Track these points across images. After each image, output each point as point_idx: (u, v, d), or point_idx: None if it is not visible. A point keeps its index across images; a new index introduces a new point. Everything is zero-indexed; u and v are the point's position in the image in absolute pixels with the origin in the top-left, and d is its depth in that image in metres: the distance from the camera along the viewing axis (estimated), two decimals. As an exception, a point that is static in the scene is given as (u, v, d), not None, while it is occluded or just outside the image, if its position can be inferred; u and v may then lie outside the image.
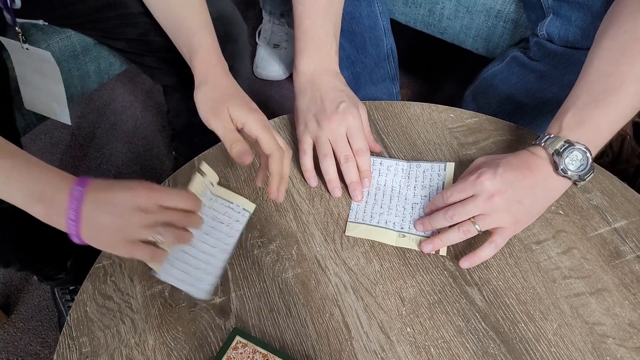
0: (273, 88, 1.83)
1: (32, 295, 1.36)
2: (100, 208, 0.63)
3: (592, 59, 0.75)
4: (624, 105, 0.72)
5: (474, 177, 0.72)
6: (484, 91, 1.15)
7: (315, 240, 0.77)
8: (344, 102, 0.82)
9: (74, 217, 0.62)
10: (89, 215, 0.63)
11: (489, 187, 0.71)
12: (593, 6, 0.91)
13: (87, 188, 0.63)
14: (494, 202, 0.71)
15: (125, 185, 0.65)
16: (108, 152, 1.66)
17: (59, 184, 0.64)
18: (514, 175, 0.72)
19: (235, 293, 0.73)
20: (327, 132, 0.81)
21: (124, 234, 0.64)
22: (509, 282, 0.72)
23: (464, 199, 0.73)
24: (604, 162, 1.22)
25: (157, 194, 0.65)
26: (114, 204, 0.63)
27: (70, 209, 0.62)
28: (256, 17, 1.90)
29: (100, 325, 0.70)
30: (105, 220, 0.63)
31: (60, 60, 1.02)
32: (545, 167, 0.73)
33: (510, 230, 0.72)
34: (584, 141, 0.71)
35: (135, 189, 0.64)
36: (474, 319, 0.69)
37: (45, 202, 0.63)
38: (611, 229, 0.77)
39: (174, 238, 0.65)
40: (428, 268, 0.74)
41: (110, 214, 0.63)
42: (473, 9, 1.17)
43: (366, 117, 0.85)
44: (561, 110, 0.75)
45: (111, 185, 0.65)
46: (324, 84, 0.85)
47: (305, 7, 0.86)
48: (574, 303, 0.70)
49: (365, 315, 0.70)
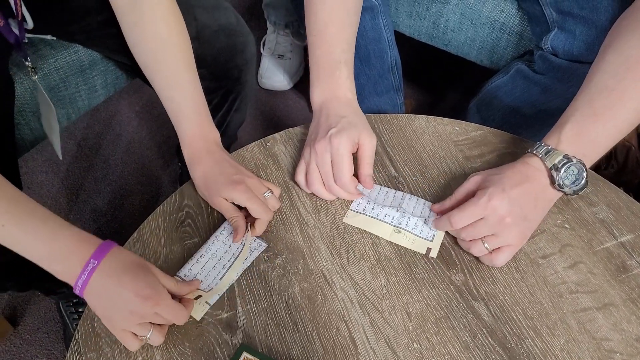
0: (277, 98, 1.83)
1: (38, 307, 1.36)
2: (103, 292, 0.67)
3: (595, 71, 0.75)
4: (622, 120, 0.72)
5: (484, 200, 0.71)
6: (488, 103, 1.15)
7: (322, 254, 0.77)
8: (334, 128, 0.80)
9: (82, 285, 0.67)
10: (93, 291, 0.67)
11: (500, 210, 0.71)
12: (598, 20, 0.91)
13: (101, 263, 0.67)
14: (505, 223, 0.71)
15: (136, 280, 0.68)
16: (114, 162, 1.67)
17: (80, 250, 0.68)
18: (519, 193, 0.72)
19: (242, 308, 0.73)
20: (314, 158, 0.81)
21: (116, 322, 0.68)
22: (516, 296, 0.72)
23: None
24: (609, 173, 1.22)
25: (160, 309, 0.68)
26: (115, 295, 0.67)
27: (79, 279, 0.66)
28: (260, 28, 1.91)
29: (107, 340, 0.71)
30: (104, 303, 0.68)
31: (68, 74, 1.03)
32: (542, 179, 0.73)
33: (517, 246, 0.73)
34: (581, 155, 0.72)
35: (141, 296, 0.67)
36: (480, 335, 0.69)
37: (63, 264, 0.67)
38: (617, 242, 0.77)
39: (158, 343, 0.70)
40: (434, 283, 0.74)
41: (109, 302, 0.68)
42: (477, 22, 1.17)
43: (369, 146, 0.81)
44: (560, 121, 0.75)
45: (124, 271, 0.68)
46: (331, 110, 0.84)
47: (315, 37, 0.87)
48: (581, 318, 0.70)
49: (372, 330, 0.70)
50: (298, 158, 0.88)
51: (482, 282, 0.74)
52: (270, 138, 0.92)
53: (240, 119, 1.25)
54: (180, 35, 0.85)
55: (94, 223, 1.53)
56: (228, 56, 1.04)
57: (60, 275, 0.67)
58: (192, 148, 0.84)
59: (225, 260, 0.77)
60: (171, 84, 0.85)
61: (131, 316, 0.67)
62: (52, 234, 0.67)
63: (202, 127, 0.85)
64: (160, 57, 0.85)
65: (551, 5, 1.00)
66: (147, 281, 0.68)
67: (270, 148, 0.90)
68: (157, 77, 0.86)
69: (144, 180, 1.62)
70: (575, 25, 0.95)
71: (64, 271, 0.67)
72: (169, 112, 0.86)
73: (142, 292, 0.67)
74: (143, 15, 0.83)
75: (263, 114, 1.79)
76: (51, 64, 1.00)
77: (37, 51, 1.00)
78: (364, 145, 0.80)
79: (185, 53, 0.86)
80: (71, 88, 1.05)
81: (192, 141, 0.84)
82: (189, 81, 0.85)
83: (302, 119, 1.78)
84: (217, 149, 0.84)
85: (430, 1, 1.21)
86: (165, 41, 0.84)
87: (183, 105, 0.85)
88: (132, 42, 0.86)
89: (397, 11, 1.27)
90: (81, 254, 0.67)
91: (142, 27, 0.84)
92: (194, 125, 0.85)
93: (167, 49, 0.85)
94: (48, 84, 1.00)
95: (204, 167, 0.82)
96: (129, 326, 0.68)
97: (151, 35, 0.84)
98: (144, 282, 0.68)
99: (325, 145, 0.80)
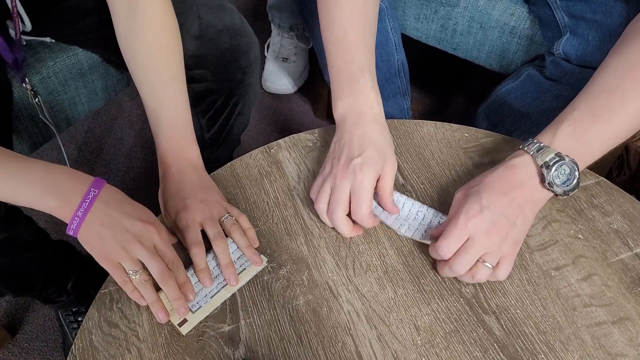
0: (282, 102, 1.82)
1: (37, 315, 1.34)
2: (104, 219, 0.67)
3: (598, 72, 0.73)
4: (621, 124, 0.71)
5: (462, 220, 0.68)
6: (497, 109, 1.13)
7: (327, 265, 0.75)
8: (358, 158, 0.75)
9: (81, 215, 0.66)
10: (92, 219, 0.66)
11: (482, 226, 0.68)
12: (612, 25, 0.89)
13: (101, 192, 0.67)
14: (492, 238, 0.68)
15: (138, 209, 0.70)
16: (115, 167, 1.65)
17: (75, 180, 0.68)
18: (500, 202, 0.69)
19: (245, 321, 0.70)
20: (332, 182, 0.76)
21: (111, 252, 0.67)
22: (528, 310, 0.70)
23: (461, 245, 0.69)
24: (621, 180, 1.19)
25: (158, 239, 0.69)
26: (117, 220, 0.67)
27: (80, 207, 0.66)
28: (265, 31, 1.89)
29: (105, 354, 0.68)
30: (102, 231, 0.67)
31: (68, 77, 1.01)
32: (531, 181, 0.70)
33: (513, 254, 0.70)
34: (575, 155, 0.69)
35: (145, 221, 0.68)
36: (491, 349, 0.67)
37: (60, 196, 0.66)
38: (633, 254, 0.74)
39: (143, 289, 0.69)
40: (443, 295, 0.71)
41: (108, 228, 0.67)
42: (487, 25, 1.15)
43: (391, 174, 0.77)
44: (557, 119, 0.73)
45: (124, 201, 0.70)
46: (355, 132, 0.78)
47: (334, 46, 0.82)
48: (595, 333, 0.68)
49: (379, 344, 0.68)
50: (302, 165, 0.85)
51: (493, 294, 0.71)
52: (275, 144, 0.89)
53: (244, 124, 1.23)
54: (170, 49, 0.84)
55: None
56: (231, 57, 1.02)
57: (55, 211, 0.66)
58: (162, 163, 0.83)
59: (220, 279, 0.74)
60: (153, 96, 0.84)
61: (131, 241, 0.67)
62: (45, 170, 0.67)
63: (175, 144, 0.83)
64: (146, 68, 0.83)
65: (562, 9, 0.98)
66: (147, 210, 0.70)
67: (275, 154, 0.88)
68: (142, 88, 0.84)
69: (146, 185, 1.60)
70: (588, 30, 0.92)
71: (60, 205, 0.66)
72: (150, 123, 0.85)
73: (146, 218, 0.69)
74: (135, 23, 0.81)
75: (267, 118, 1.77)
76: (50, 67, 0.98)
77: (35, 54, 0.98)
78: (385, 175, 0.76)
79: (171, 67, 0.84)
80: (71, 92, 1.03)
81: (164, 156, 0.83)
82: (171, 95, 0.84)
83: (306, 123, 1.76)
84: (187, 166, 0.82)
85: (438, 4, 1.19)
86: (153, 52, 0.82)
87: (162, 118, 0.83)
88: (123, 48, 0.85)
89: (404, 14, 1.25)
90: (78, 185, 0.67)
91: (134, 34, 0.82)
92: (168, 141, 0.83)
93: (154, 60, 0.83)
94: (47, 87, 0.99)
95: (168, 185, 0.81)
96: (124, 256, 0.67)
97: (140, 45, 0.82)
98: (147, 212, 0.70)
99: (348, 176, 0.75)
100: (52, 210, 0.66)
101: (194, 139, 0.85)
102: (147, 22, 0.81)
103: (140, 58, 0.83)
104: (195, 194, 0.78)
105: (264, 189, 0.84)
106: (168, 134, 0.83)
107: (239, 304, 0.72)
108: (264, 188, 0.84)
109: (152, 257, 0.68)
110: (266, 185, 0.84)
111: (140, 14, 0.80)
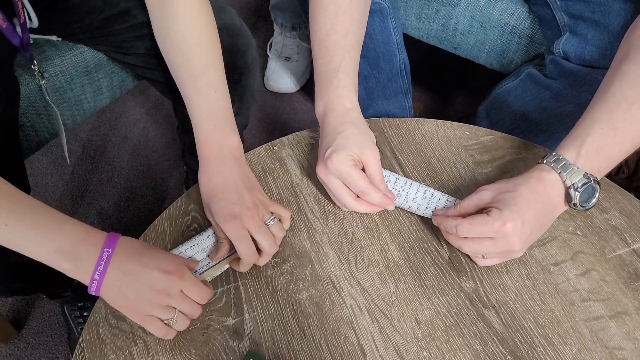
0: (284, 101, 1.83)
1: (42, 310, 1.35)
2: (124, 278, 0.66)
3: (613, 80, 0.72)
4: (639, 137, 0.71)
5: (498, 224, 0.68)
6: (497, 107, 1.14)
7: (330, 260, 0.76)
8: (331, 147, 0.76)
9: (99, 278, 0.65)
10: (112, 281, 0.65)
11: (512, 238, 0.68)
12: (610, 25, 0.90)
13: (115, 250, 0.66)
14: (513, 248, 0.69)
15: (156, 258, 0.68)
16: (119, 165, 1.66)
17: (88, 242, 0.66)
18: (532, 217, 0.69)
19: (249, 314, 0.72)
20: (322, 180, 0.79)
21: (140, 308, 0.67)
22: (527, 304, 0.71)
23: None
24: (620, 178, 1.20)
25: (184, 284, 0.68)
26: (138, 277, 0.66)
27: (96, 270, 0.65)
28: (267, 30, 1.90)
29: (112, 347, 0.70)
30: (125, 291, 0.66)
31: (74, 75, 1.02)
32: (556, 199, 0.71)
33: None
34: (596, 171, 0.70)
35: (166, 271, 0.67)
36: (491, 343, 0.68)
37: (73, 259, 0.65)
38: (630, 250, 0.75)
39: (183, 327, 0.70)
40: (444, 290, 0.73)
41: (131, 287, 0.66)
42: (487, 25, 1.16)
43: (374, 161, 0.77)
44: (578, 131, 0.72)
45: (140, 253, 0.68)
46: (328, 126, 0.80)
47: (317, 47, 0.83)
48: (593, 326, 0.69)
49: (381, 338, 0.69)
50: (305, 162, 0.87)
51: (493, 289, 0.72)
52: (278, 142, 0.91)
53: (243, 123, 1.24)
54: (208, 35, 0.83)
55: (99, 226, 1.50)
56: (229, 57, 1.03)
57: (71, 273, 0.65)
58: (203, 153, 0.81)
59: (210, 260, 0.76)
60: (192, 84, 0.82)
61: (157, 295, 0.66)
62: (58, 228, 0.65)
63: (216, 132, 0.81)
64: (183, 56, 0.82)
65: (562, 9, 0.99)
66: (167, 257, 0.69)
67: (278, 152, 0.89)
68: (180, 76, 0.83)
69: (150, 182, 1.62)
70: (587, 29, 0.93)
71: (73, 268, 0.65)
72: (189, 113, 0.83)
73: (166, 267, 0.67)
74: (171, 10, 0.81)
75: (269, 117, 1.78)
76: (56, 65, 0.99)
77: (42, 52, 1.00)
78: (368, 163, 0.76)
79: (209, 53, 0.83)
80: (76, 89, 1.04)
81: (204, 145, 0.81)
82: (209, 82, 0.82)
83: (309, 122, 1.77)
84: (229, 158, 0.80)
85: (439, 4, 1.20)
86: (190, 40, 0.81)
87: (202, 105, 0.82)
88: (159, 36, 0.85)
89: (406, 14, 1.26)
90: (90, 246, 0.65)
91: (169, 22, 0.81)
92: (208, 129, 0.81)
93: (192, 48, 0.82)
94: (53, 85, 1.00)
95: (210, 179, 0.79)
96: (155, 309, 0.66)
97: (177, 33, 0.81)
98: (165, 259, 0.68)
99: (324, 170, 0.76)
100: (67, 272, 0.65)
101: (235, 128, 0.83)
102: (184, 8, 0.80)
103: (178, 44, 0.82)
104: (242, 198, 0.76)
105: (268, 185, 0.85)
106: (209, 121, 0.81)
107: (243, 298, 0.73)
108: (267, 185, 0.85)
109: (182, 302, 0.68)
110: (270, 182, 0.85)
111: (176, 1, 0.80)
